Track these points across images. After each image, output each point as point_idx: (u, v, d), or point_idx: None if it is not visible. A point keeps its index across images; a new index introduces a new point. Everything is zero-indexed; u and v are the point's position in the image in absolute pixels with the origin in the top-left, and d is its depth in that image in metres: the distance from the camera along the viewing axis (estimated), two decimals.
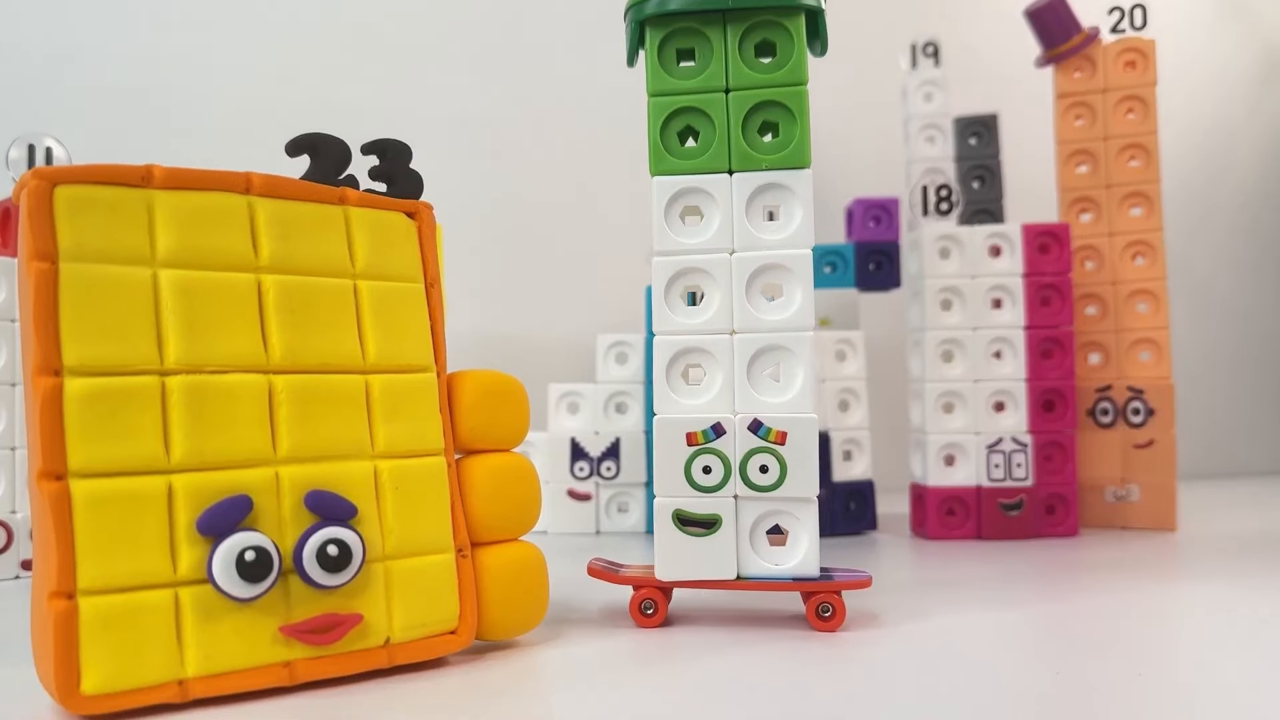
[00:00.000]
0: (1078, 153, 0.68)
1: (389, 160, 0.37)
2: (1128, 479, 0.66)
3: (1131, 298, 0.67)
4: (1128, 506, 0.66)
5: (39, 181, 0.29)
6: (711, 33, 0.39)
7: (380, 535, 0.33)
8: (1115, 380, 0.67)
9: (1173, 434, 0.65)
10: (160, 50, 0.84)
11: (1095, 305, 0.67)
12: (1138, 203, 0.67)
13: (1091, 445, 0.67)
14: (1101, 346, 0.67)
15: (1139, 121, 0.67)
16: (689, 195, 0.39)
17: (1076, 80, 0.68)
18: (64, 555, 0.27)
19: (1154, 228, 0.66)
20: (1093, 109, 0.68)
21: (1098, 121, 0.68)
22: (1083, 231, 0.68)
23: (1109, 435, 0.66)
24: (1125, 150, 0.67)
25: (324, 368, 0.33)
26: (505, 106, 0.90)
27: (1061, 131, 0.69)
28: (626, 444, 0.69)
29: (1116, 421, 0.66)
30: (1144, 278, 0.66)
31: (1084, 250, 0.68)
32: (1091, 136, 0.68)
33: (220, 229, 0.32)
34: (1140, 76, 0.67)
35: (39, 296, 0.28)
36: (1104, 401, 0.66)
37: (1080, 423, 0.66)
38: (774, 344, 0.38)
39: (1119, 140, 0.67)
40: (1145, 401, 0.65)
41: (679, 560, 0.39)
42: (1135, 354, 0.66)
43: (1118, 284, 0.67)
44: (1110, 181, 0.67)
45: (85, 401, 0.28)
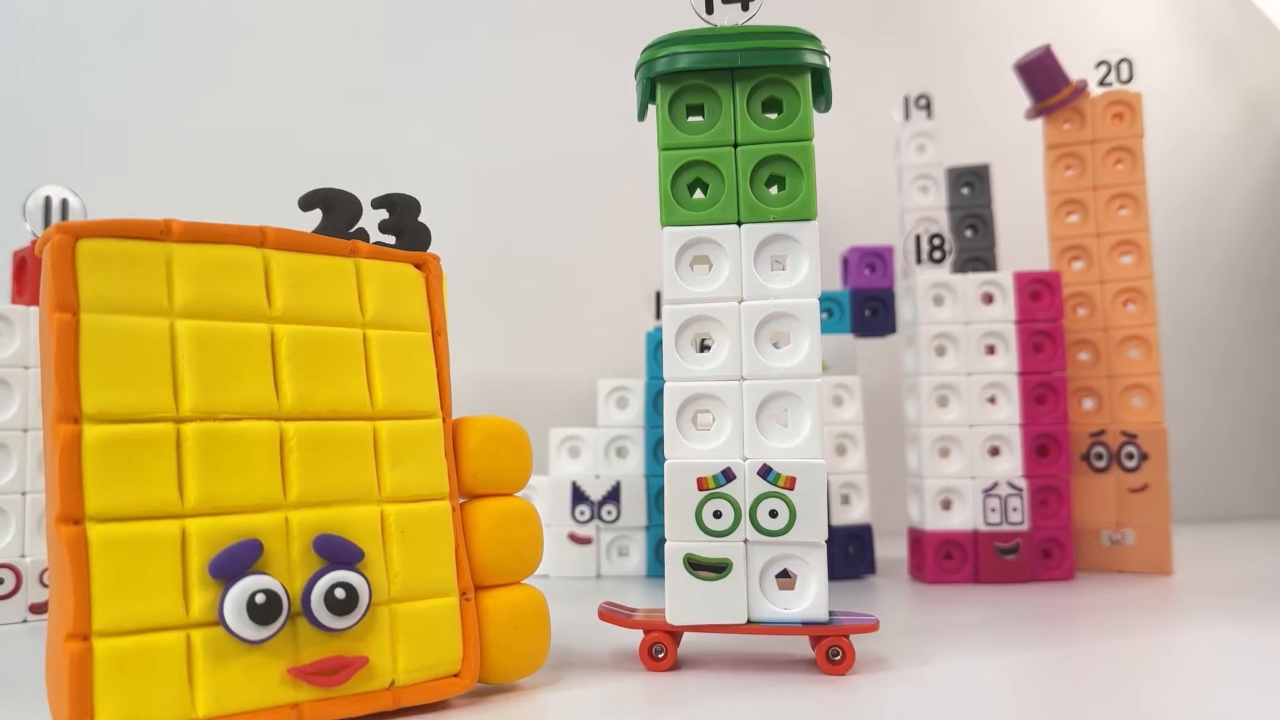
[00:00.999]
0: (1068, 202, 0.70)
1: (398, 214, 0.38)
2: (1123, 523, 0.66)
3: (1123, 344, 0.67)
4: (1123, 550, 0.66)
5: (62, 236, 0.30)
6: (720, 90, 0.40)
7: (386, 579, 0.34)
8: (1109, 425, 0.67)
9: (1166, 478, 0.66)
10: (172, 105, 0.85)
11: (1088, 351, 0.68)
12: (1128, 251, 0.68)
13: (1086, 489, 0.67)
14: (1094, 392, 0.68)
15: (1127, 172, 0.68)
16: (699, 245, 0.40)
17: (1066, 132, 0.70)
18: (80, 598, 0.28)
19: (1144, 275, 0.67)
20: (1082, 160, 0.69)
21: (1087, 172, 0.69)
22: (1074, 279, 0.69)
23: (1103, 479, 0.67)
24: (1114, 200, 0.68)
25: (333, 414, 0.34)
26: (510, 157, 0.92)
27: (1052, 182, 0.70)
28: (627, 488, 0.69)
29: (1111, 466, 0.67)
30: (1135, 324, 0.67)
31: (1076, 297, 0.69)
32: (1081, 186, 0.69)
33: (236, 281, 0.33)
34: (1128, 128, 0.69)
35: (60, 346, 0.29)
36: (1098, 446, 0.67)
37: (1075, 467, 0.67)
38: (782, 390, 0.39)
39: (1108, 190, 0.68)
40: (1139, 446, 0.66)
41: (690, 604, 0.39)
42: (1128, 399, 0.67)
43: (1109, 330, 0.68)
44: (1100, 230, 0.69)
45: (103, 448, 0.29)
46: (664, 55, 0.40)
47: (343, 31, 0.90)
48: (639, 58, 0.41)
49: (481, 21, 0.93)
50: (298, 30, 0.89)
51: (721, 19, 0.40)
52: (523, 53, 0.93)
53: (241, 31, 0.88)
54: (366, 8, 0.91)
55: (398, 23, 0.92)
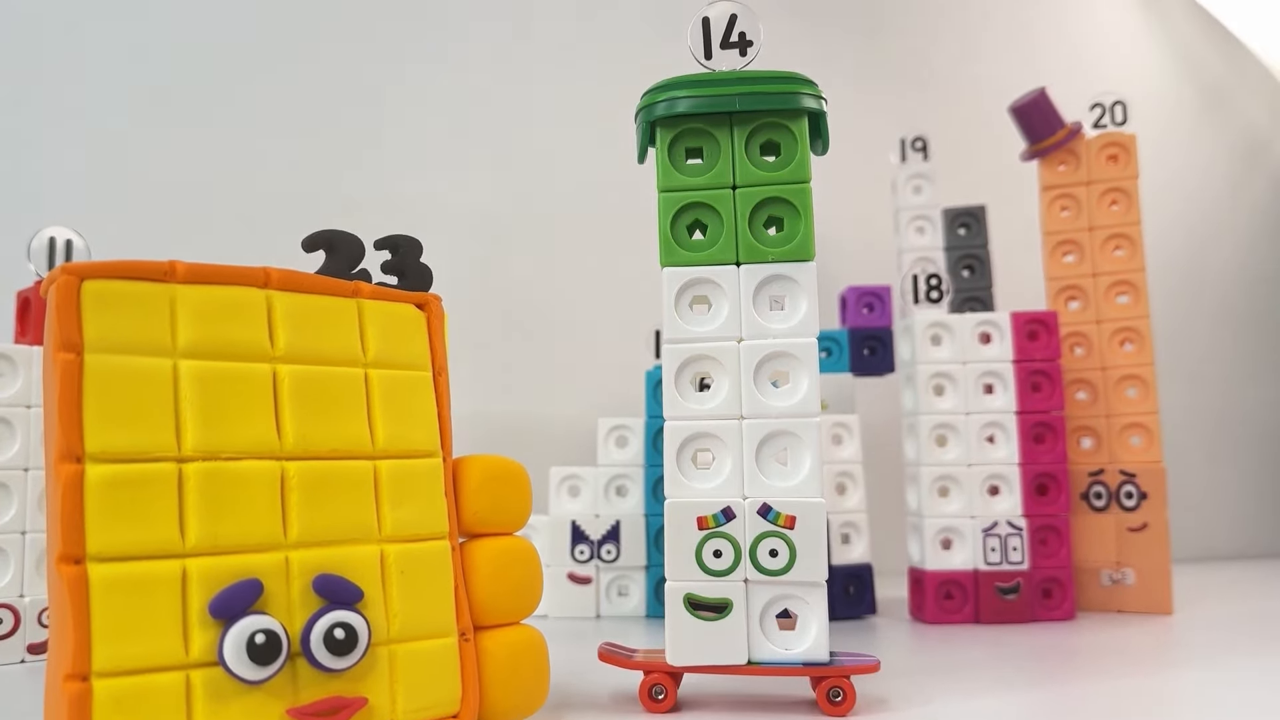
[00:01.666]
0: (1064, 243, 0.70)
1: (401, 255, 0.38)
2: (1123, 562, 0.66)
3: (1121, 383, 0.68)
4: (1123, 590, 0.66)
5: (68, 277, 0.30)
6: (719, 133, 0.41)
7: (385, 619, 0.34)
8: (1107, 464, 0.67)
9: (1165, 517, 0.66)
10: (175, 147, 0.86)
11: (1086, 390, 0.69)
12: (1124, 291, 0.68)
13: (1086, 529, 0.67)
14: (1093, 431, 0.68)
15: (1122, 213, 0.69)
16: (698, 286, 0.41)
17: (1061, 173, 0.70)
18: (80, 638, 0.28)
19: (1140, 315, 0.68)
20: (1078, 201, 0.70)
21: (1083, 213, 0.70)
22: (1071, 319, 0.69)
23: (1103, 519, 0.67)
24: (1110, 240, 0.69)
25: (334, 454, 0.34)
26: (511, 198, 0.92)
27: (1048, 223, 0.71)
28: (627, 527, 0.69)
29: (1110, 505, 0.67)
30: (1132, 363, 0.68)
31: (1073, 337, 0.69)
32: (1077, 227, 0.70)
33: (239, 321, 0.33)
34: (1122, 170, 0.69)
35: (64, 386, 0.29)
36: (1097, 485, 0.67)
37: (1074, 506, 0.67)
38: (782, 429, 0.40)
39: (1104, 230, 0.69)
40: (1137, 485, 0.66)
41: (690, 645, 0.39)
42: (1126, 438, 0.67)
43: (1107, 370, 0.68)
44: (1097, 270, 0.69)
45: (105, 487, 0.29)
46: (664, 99, 0.40)
47: (346, 74, 0.92)
48: (639, 102, 0.41)
49: (483, 64, 0.94)
50: (300, 73, 0.91)
51: (720, 64, 0.41)
52: (524, 95, 0.95)
53: (244, 74, 0.89)
54: (369, 51, 0.92)
55: (400, 65, 0.93)
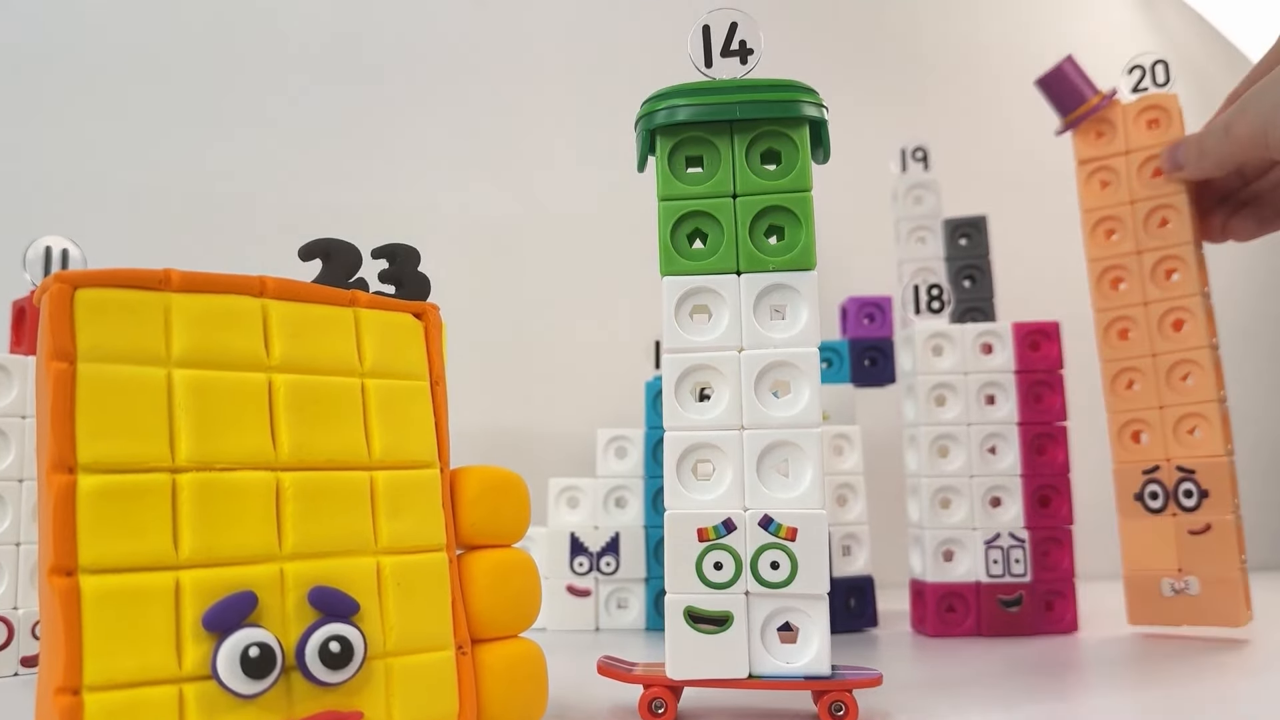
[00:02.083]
0: (1105, 219, 0.64)
1: (398, 264, 0.38)
2: (1185, 570, 0.59)
3: (1175, 369, 0.61)
4: (1187, 601, 0.59)
5: (61, 285, 0.30)
6: (719, 141, 0.40)
7: (382, 632, 0.33)
8: (1163, 460, 0.61)
9: (1231, 517, 0.58)
10: (174, 155, 0.86)
11: (1137, 379, 0.62)
12: (1174, 267, 0.61)
13: (1141, 533, 0.61)
14: (1146, 424, 0.62)
15: (1165, 182, 0.62)
16: (698, 295, 0.40)
17: (1097, 144, 0.64)
18: (71, 651, 0.28)
19: (1192, 293, 0.60)
20: (1117, 173, 0.63)
21: (1122, 185, 0.63)
22: (1117, 302, 0.63)
23: (1160, 522, 0.60)
24: (1154, 213, 0.62)
25: (330, 464, 0.34)
26: (510, 206, 0.92)
27: (1086, 199, 0.64)
28: (626, 539, 0.69)
29: (1167, 505, 0.60)
30: (1186, 347, 0.61)
31: (1119, 323, 0.63)
32: (1117, 201, 0.63)
33: (234, 330, 0.33)
34: (1164, 135, 0.62)
35: (57, 396, 0.29)
36: (1152, 484, 0.61)
37: (1127, 508, 0.61)
38: (783, 440, 0.39)
39: (1146, 203, 0.62)
40: (1197, 482, 0.59)
41: (691, 658, 0.39)
42: (1183, 431, 0.60)
43: (1158, 356, 0.61)
44: (1141, 247, 0.62)
45: (98, 498, 0.29)
46: (663, 108, 0.40)
47: (344, 84, 0.91)
48: (639, 110, 0.41)
49: (482, 72, 0.94)
50: (299, 82, 0.90)
51: (720, 72, 0.41)
52: (523, 104, 0.95)
53: (244, 83, 0.89)
54: (368, 61, 0.92)
55: (400, 76, 0.93)
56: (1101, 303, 0.63)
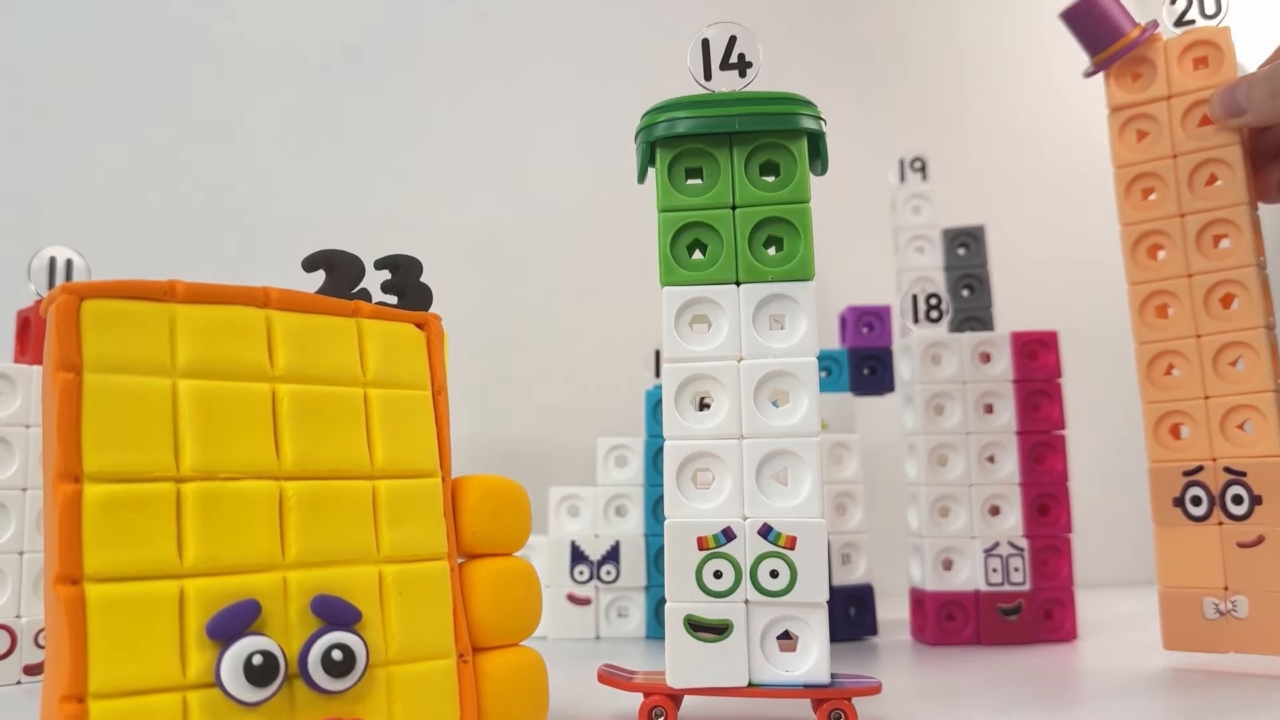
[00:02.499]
0: (1143, 176, 0.54)
1: (401, 274, 0.38)
2: (1233, 588, 0.50)
3: (1223, 353, 0.52)
4: (1233, 625, 0.50)
5: (68, 296, 0.30)
6: (718, 153, 0.41)
7: (383, 640, 0.34)
8: (1208, 460, 0.52)
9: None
10: (177, 167, 0.87)
11: (1179, 364, 0.53)
12: (1224, 233, 0.52)
13: (1181, 544, 0.52)
14: (1189, 417, 0.53)
15: (1215, 132, 0.52)
16: (698, 305, 0.41)
17: (1134, 87, 0.54)
18: (77, 659, 0.28)
19: (1245, 263, 0.51)
20: (1157, 121, 0.54)
21: (1164, 137, 0.53)
22: (1155, 274, 0.53)
23: (1203, 531, 0.51)
24: (1202, 168, 0.52)
25: (333, 473, 0.34)
26: (511, 217, 0.93)
27: (1119, 154, 0.55)
28: (626, 547, 0.69)
29: (1212, 512, 0.51)
30: (1236, 327, 0.51)
31: (1158, 297, 0.53)
32: (1157, 155, 0.53)
33: (238, 341, 0.33)
34: (1214, 76, 0.52)
35: (63, 405, 0.29)
36: (1194, 488, 0.52)
37: (1163, 515, 0.53)
38: (782, 449, 0.40)
39: (1192, 158, 0.52)
40: (1248, 486, 0.50)
41: (690, 666, 0.39)
42: (1232, 425, 0.51)
43: (1203, 338, 0.52)
44: (1185, 209, 0.53)
45: (103, 507, 0.29)
46: (663, 120, 0.41)
47: (347, 95, 0.92)
48: (639, 122, 0.42)
49: (482, 84, 0.95)
50: (301, 93, 0.91)
51: (719, 85, 0.41)
52: (524, 115, 0.95)
53: (245, 94, 0.90)
54: (368, 71, 0.93)
55: (400, 86, 0.93)
56: (1137, 274, 0.54)
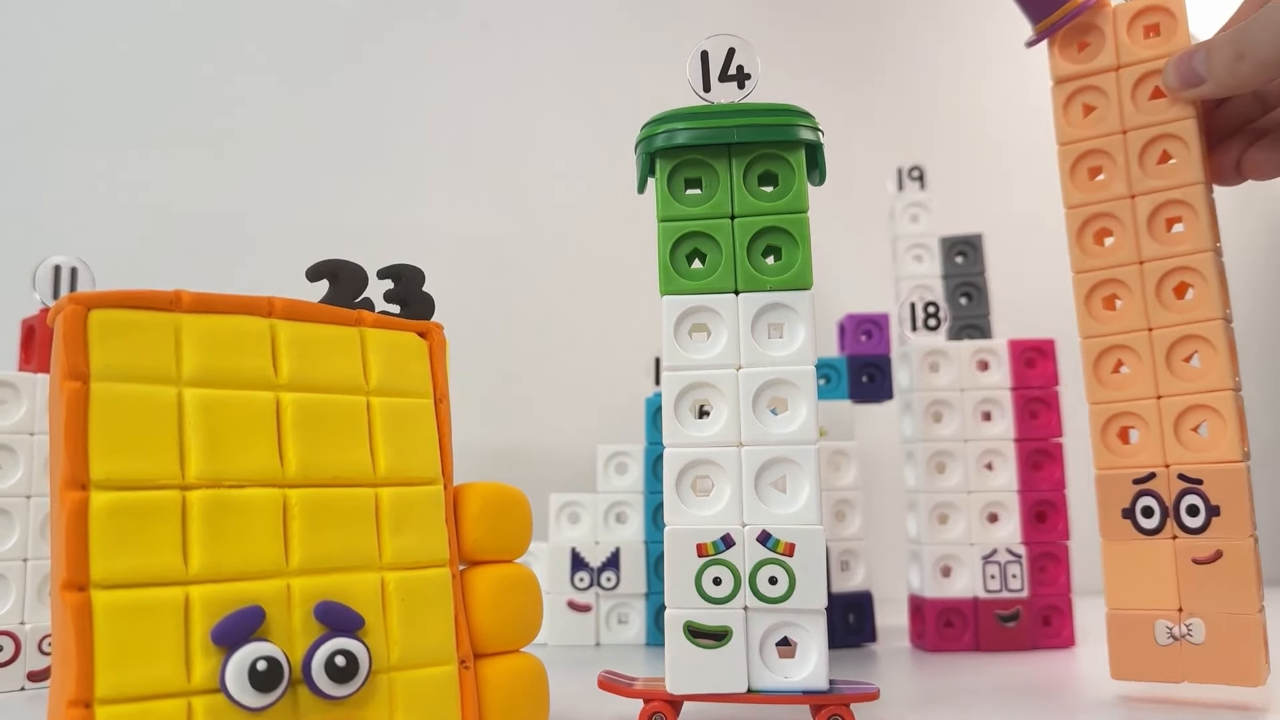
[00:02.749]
0: (1088, 154, 0.49)
1: (404, 284, 0.39)
2: (1188, 610, 0.44)
3: (1177, 348, 0.46)
4: (1187, 651, 0.44)
5: (75, 306, 0.31)
6: (717, 164, 0.41)
7: (386, 646, 0.34)
8: (1161, 466, 0.46)
9: (1249, 542, 0.43)
10: (180, 176, 0.87)
11: (1128, 360, 0.47)
12: (1177, 215, 0.46)
13: (1131, 561, 0.46)
14: (1140, 419, 0.47)
15: (1169, 106, 0.47)
16: (697, 314, 0.41)
17: (1079, 58, 0.49)
18: (83, 664, 0.28)
19: (1201, 248, 0.45)
20: (1105, 94, 0.48)
21: (1112, 111, 0.48)
22: (1102, 261, 0.48)
23: (1156, 546, 0.45)
24: (1153, 145, 0.47)
25: (336, 481, 0.34)
26: (512, 227, 0.93)
27: (1063, 130, 0.49)
28: (626, 554, 0.69)
29: (1165, 525, 0.45)
30: (1191, 319, 0.46)
31: (1105, 286, 0.48)
32: (1105, 131, 0.48)
33: (243, 350, 0.33)
34: (1164, 45, 0.47)
35: (70, 414, 0.30)
36: (1145, 497, 0.46)
37: (1112, 529, 0.46)
38: (781, 456, 0.40)
39: (1143, 134, 0.47)
40: (1204, 495, 0.44)
41: (690, 673, 0.39)
42: (1187, 426, 0.45)
43: (1156, 331, 0.46)
44: (1135, 189, 0.47)
45: (109, 514, 0.30)
46: (663, 131, 0.41)
47: (349, 104, 0.92)
48: (639, 133, 0.42)
49: (484, 93, 0.95)
50: (302, 103, 0.91)
51: (718, 96, 0.42)
52: (525, 126, 0.96)
53: (247, 104, 0.90)
54: (371, 80, 0.93)
55: (402, 95, 0.94)
56: (1083, 262, 0.48)
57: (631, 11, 1.01)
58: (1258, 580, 0.43)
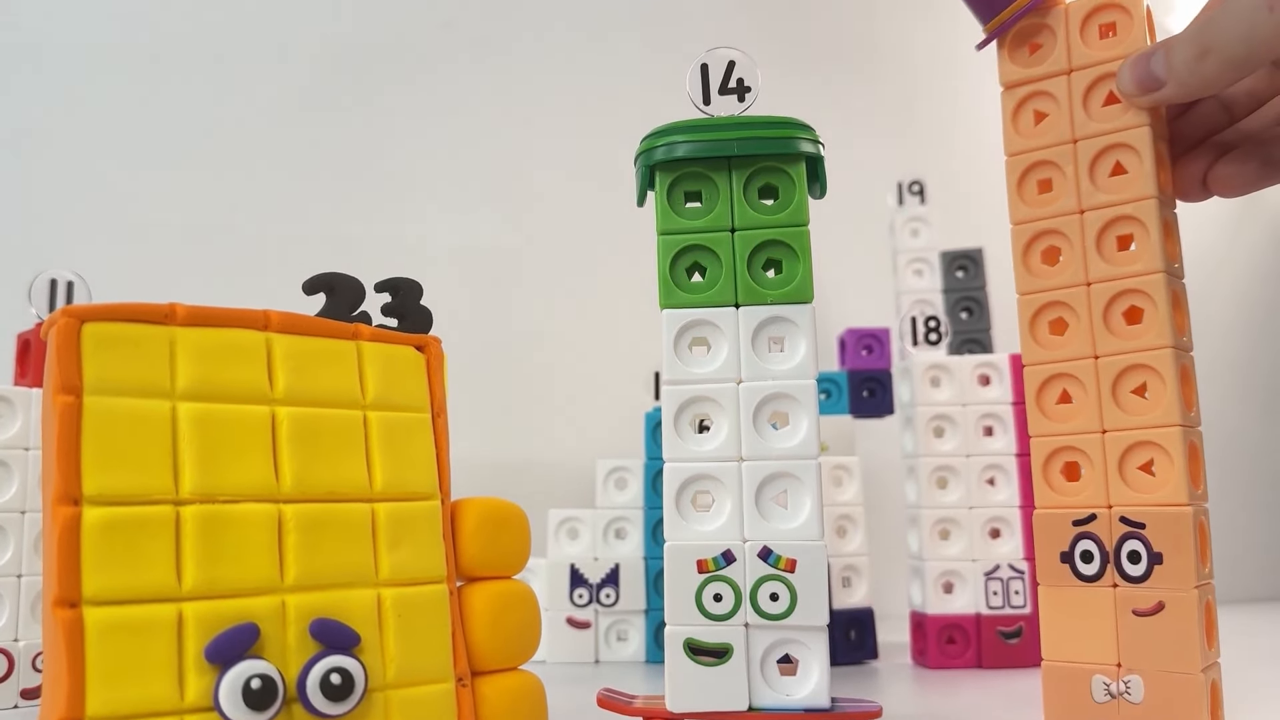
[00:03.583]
0: (1038, 165, 0.45)
1: (401, 297, 0.38)
2: (1127, 666, 0.40)
3: (1124, 379, 0.42)
4: (1126, 710, 0.40)
5: (68, 319, 0.31)
6: (717, 177, 0.41)
7: (382, 663, 0.33)
8: (1104, 507, 0.42)
9: (1193, 594, 0.39)
10: (176, 189, 0.87)
11: (1074, 391, 0.43)
12: (1129, 232, 0.42)
13: (1069, 609, 0.42)
14: (1084, 455, 0.43)
15: (1122, 112, 0.42)
16: (697, 328, 0.41)
17: (1030, 61, 0.45)
18: (75, 682, 0.28)
19: (1151, 269, 0.41)
20: (1056, 100, 0.44)
21: (1063, 118, 0.44)
22: (1048, 282, 0.44)
23: (1094, 595, 0.41)
24: (1104, 156, 0.43)
25: (332, 496, 0.34)
26: (511, 241, 0.93)
27: (1011, 139, 0.46)
28: (626, 570, 0.69)
29: (1105, 572, 0.41)
30: (1139, 347, 0.41)
31: (1052, 309, 0.44)
32: (1055, 140, 0.44)
33: (238, 364, 0.33)
34: (1120, 46, 0.43)
35: (63, 428, 0.30)
36: (1085, 540, 0.42)
37: (1051, 573, 0.42)
38: (782, 471, 0.40)
39: (1094, 143, 0.43)
40: (1147, 541, 0.40)
41: (690, 690, 0.39)
42: (1133, 465, 0.42)
43: (1101, 359, 0.42)
44: (1085, 204, 0.43)
45: (102, 530, 0.29)
46: (663, 144, 0.41)
47: (345, 118, 0.93)
48: (639, 146, 0.42)
49: (482, 108, 0.95)
50: (301, 117, 0.92)
51: (718, 109, 0.41)
52: (524, 138, 0.96)
53: (243, 117, 0.90)
54: (368, 93, 0.93)
55: (400, 108, 0.94)
56: (1027, 283, 0.45)
57: (631, 24, 1.01)
58: (1204, 635, 0.39)
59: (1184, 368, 0.41)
